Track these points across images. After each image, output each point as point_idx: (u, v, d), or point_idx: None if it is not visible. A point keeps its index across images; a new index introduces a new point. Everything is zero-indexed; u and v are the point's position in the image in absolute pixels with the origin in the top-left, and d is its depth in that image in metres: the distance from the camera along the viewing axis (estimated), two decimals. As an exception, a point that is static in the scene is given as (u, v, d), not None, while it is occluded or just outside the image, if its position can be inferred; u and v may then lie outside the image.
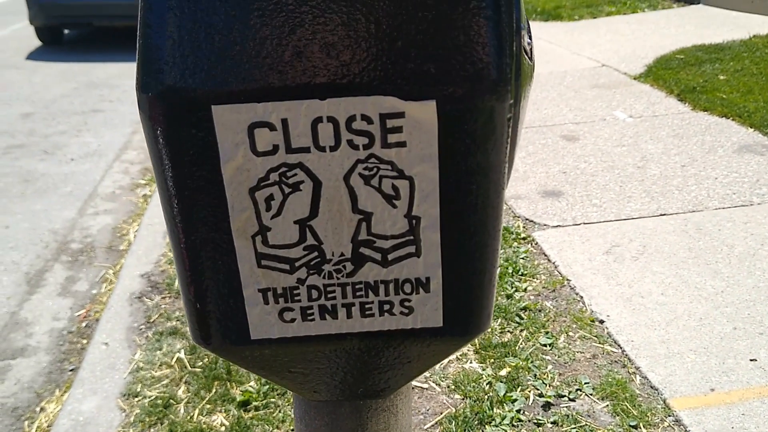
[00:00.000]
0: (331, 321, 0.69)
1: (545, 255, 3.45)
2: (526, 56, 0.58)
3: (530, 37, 0.59)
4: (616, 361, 2.68)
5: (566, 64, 6.97)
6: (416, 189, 0.62)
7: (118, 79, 8.21)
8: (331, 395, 0.78)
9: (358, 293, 0.68)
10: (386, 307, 0.68)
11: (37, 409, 2.76)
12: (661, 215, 3.73)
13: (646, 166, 4.36)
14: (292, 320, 0.69)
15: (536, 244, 3.56)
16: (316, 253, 0.66)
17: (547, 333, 2.87)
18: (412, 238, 0.64)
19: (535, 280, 3.25)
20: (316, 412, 0.82)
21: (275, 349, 0.71)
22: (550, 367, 2.69)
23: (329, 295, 0.68)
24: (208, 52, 0.58)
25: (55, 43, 10.45)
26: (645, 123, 5.14)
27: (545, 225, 3.73)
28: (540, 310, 3.03)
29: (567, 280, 3.22)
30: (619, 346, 2.76)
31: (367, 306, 0.68)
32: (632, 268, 3.27)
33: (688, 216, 3.70)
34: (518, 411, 2.47)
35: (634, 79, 6.25)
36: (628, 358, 2.68)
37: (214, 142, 0.60)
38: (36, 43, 10.52)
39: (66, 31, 11.13)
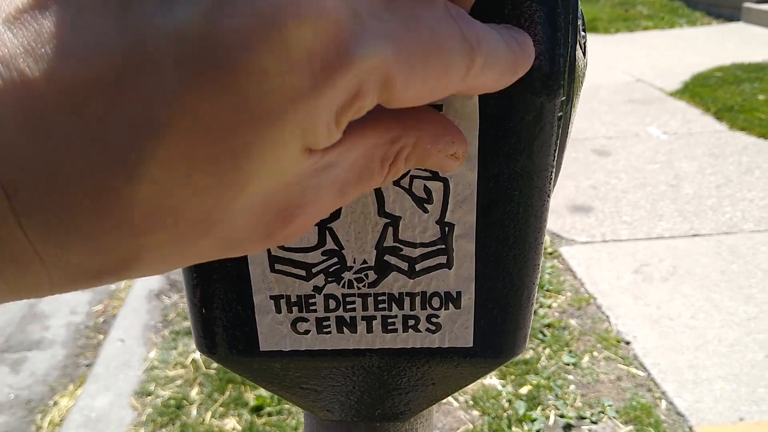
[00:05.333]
0: (349, 335, 0.62)
1: (571, 271, 3.36)
2: (580, 50, 0.51)
3: (584, 30, 0.52)
4: (641, 385, 2.60)
5: (600, 77, 6.87)
6: (451, 192, 0.54)
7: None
8: (346, 415, 0.72)
9: (380, 306, 0.60)
10: (411, 322, 0.61)
11: (51, 402, 2.74)
12: (694, 236, 3.63)
13: (680, 185, 4.25)
14: (306, 332, 0.62)
15: (563, 259, 3.48)
16: (336, 259, 0.58)
17: (570, 352, 2.79)
18: (443, 247, 0.57)
19: (560, 296, 3.17)
20: (329, 433, 0.76)
21: (286, 362, 0.64)
22: (572, 387, 2.61)
23: (348, 307, 0.60)
24: None
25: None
26: (680, 140, 5.02)
27: (573, 240, 3.65)
28: (564, 328, 2.94)
29: (593, 298, 3.13)
30: (645, 368, 2.67)
31: (389, 320, 0.61)
32: (661, 289, 3.17)
33: (722, 238, 3.59)
34: (538, 431, 2.40)
35: (670, 95, 6.12)
36: (654, 382, 2.59)
37: None
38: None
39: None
